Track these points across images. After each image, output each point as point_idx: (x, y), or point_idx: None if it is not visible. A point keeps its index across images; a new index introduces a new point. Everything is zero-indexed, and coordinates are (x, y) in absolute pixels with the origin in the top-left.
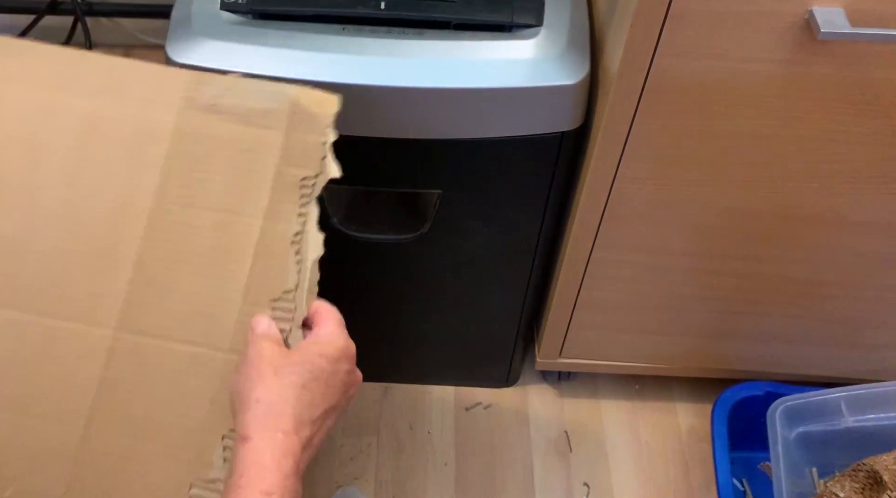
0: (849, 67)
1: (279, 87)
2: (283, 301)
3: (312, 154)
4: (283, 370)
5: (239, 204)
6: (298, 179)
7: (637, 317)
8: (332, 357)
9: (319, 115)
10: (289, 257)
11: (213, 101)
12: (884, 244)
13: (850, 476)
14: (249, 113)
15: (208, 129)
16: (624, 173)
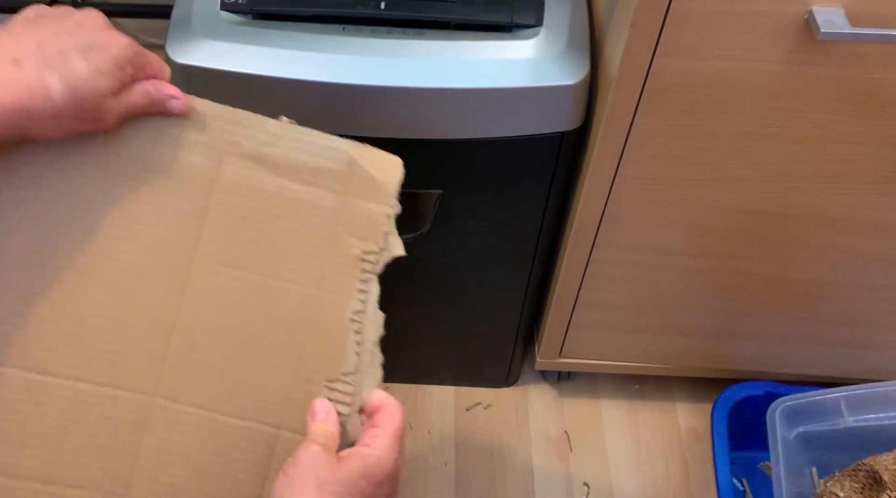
0: (849, 67)
1: (336, 143)
2: (342, 383)
3: (375, 226)
4: (326, 488)
5: (291, 271)
6: (360, 252)
7: (637, 317)
8: (377, 481)
9: (382, 181)
10: (348, 336)
11: (261, 150)
12: (884, 244)
13: (849, 476)
14: (302, 169)
15: (256, 183)
16: (624, 173)
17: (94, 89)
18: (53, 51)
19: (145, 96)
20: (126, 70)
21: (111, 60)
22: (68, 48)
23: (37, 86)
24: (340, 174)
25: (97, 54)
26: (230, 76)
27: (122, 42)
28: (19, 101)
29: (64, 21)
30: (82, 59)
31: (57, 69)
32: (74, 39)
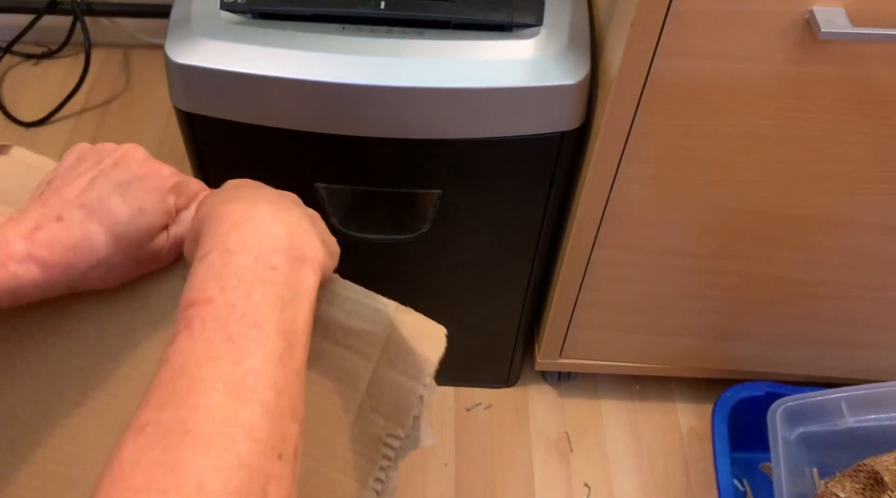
0: (849, 67)
1: (377, 303)
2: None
3: (405, 406)
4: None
5: (307, 442)
6: (384, 434)
7: (637, 317)
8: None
9: (421, 354)
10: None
11: None
12: (884, 244)
13: (850, 476)
14: (336, 327)
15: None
16: (624, 173)
17: (139, 230)
18: (94, 198)
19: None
20: (168, 201)
21: (152, 194)
22: (107, 192)
23: (81, 240)
24: (377, 339)
25: (136, 191)
26: (230, 76)
27: (160, 173)
28: (64, 259)
29: (103, 161)
30: (122, 201)
31: (97, 218)
32: (112, 181)
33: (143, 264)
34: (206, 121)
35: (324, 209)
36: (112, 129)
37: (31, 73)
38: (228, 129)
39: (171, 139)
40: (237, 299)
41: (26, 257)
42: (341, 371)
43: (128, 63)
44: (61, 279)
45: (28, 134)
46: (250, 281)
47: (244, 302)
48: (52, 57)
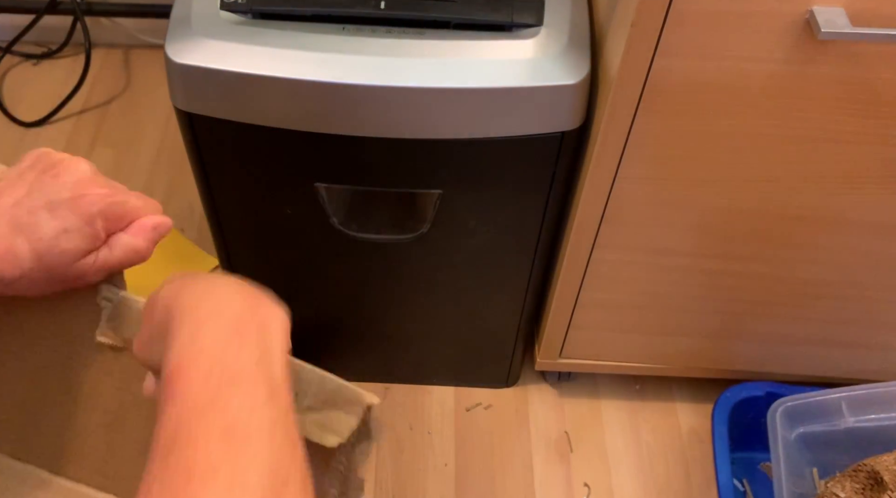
0: (849, 67)
1: (356, 394)
2: None
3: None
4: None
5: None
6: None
7: (637, 317)
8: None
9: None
10: None
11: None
12: (884, 244)
13: (850, 476)
14: (328, 420)
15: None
16: (624, 173)
17: (63, 251)
18: (25, 211)
19: (121, 250)
20: (96, 225)
21: (80, 217)
22: (37, 207)
23: (7, 252)
24: (355, 425)
25: (64, 211)
26: (230, 76)
27: (94, 195)
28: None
29: (44, 174)
30: (49, 218)
31: (25, 232)
32: (45, 196)
33: (68, 282)
34: (206, 121)
35: (324, 209)
36: (112, 129)
37: (31, 73)
38: (228, 129)
39: (171, 139)
40: (214, 362)
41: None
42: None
43: (128, 63)
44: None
45: (28, 134)
46: (224, 344)
47: (221, 363)
48: (53, 57)
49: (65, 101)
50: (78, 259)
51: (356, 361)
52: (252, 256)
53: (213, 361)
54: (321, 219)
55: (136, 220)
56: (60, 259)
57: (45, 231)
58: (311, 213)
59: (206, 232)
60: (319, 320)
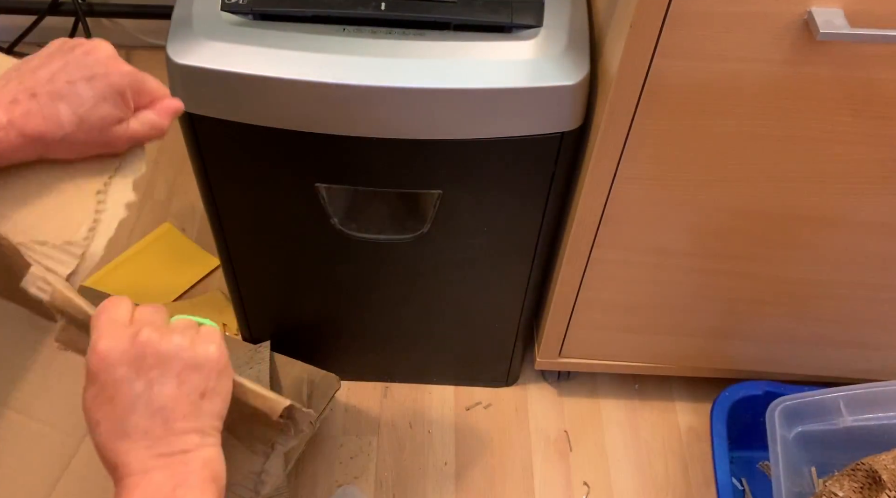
0: (848, 68)
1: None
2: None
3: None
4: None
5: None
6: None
7: (637, 317)
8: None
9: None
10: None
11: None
12: (883, 244)
13: (848, 475)
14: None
15: None
16: (624, 173)
17: (101, 117)
18: (63, 82)
19: (146, 125)
20: (126, 96)
21: (112, 87)
22: (75, 78)
23: (50, 116)
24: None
25: (100, 82)
26: (230, 76)
27: (121, 71)
28: (36, 130)
29: (74, 52)
30: (88, 88)
31: (66, 99)
32: (81, 70)
33: (101, 147)
34: (206, 121)
35: (324, 209)
36: None
37: None
38: (229, 130)
39: (172, 139)
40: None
41: (7, 125)
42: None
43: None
44: (34, 147)
45: None
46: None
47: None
48: None
49: None
50: (112, 125)
51: (356, 361)
52: (252, 255)
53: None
54: (321, 219)
55: (156, 99)
56: (100, 124)
57: (84, 98)
58: (311, 214)
59: (206, 232)
60: (319, 320)
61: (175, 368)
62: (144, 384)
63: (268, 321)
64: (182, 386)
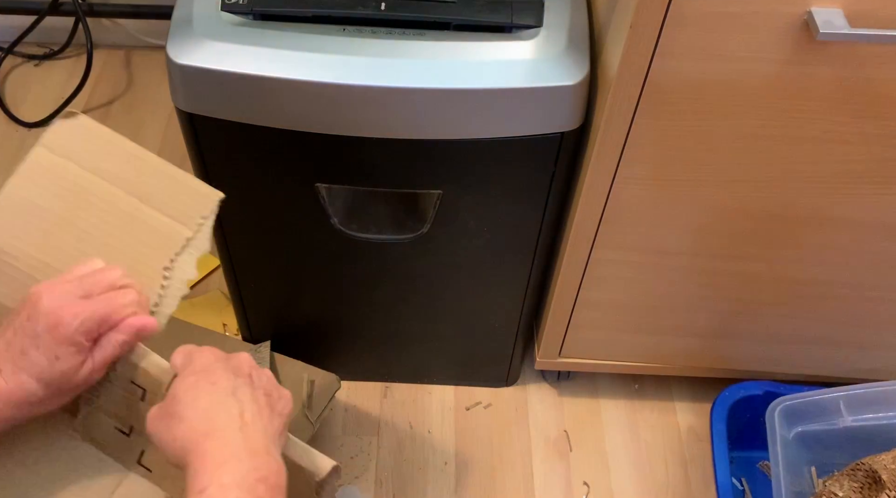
0: (847, 68)
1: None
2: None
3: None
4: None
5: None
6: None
7: (636, 317)
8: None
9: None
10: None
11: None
12: (883, 244)
13: (848, 475)
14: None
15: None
16: (624, 173)
17: (62, 373)
18: (17, 352)
19: (115, 346)
20: (79, 340)
21: (61, 343)
22: (26, 346)
23: (19, 389)
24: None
25: (48, 342)
26: (231, 76)
27: (67, 317)
28: (12, 400)
29: (20, 314)
30: (38, 353)
31: (25, 369)
32: (24, 335)
33: (78, 388)
34: (207, 121)
35: (324, 209)
36: (114, 130)
37: (32, 74)
38: (229, 130)
39: (172, 140)
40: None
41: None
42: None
43: (129, 64)
44: (19, 413)
45: (30, 135)
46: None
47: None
48: (54, 58)
49: (66, 101)
50: (78, 370)
51: (356, 361)
52: (252, 255)
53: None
54: (321, 219)
55: (120, 318)
56: (62, 378)
57: (40, 364)
58: (311, 214)
59: None
60: (319, 320)
61: (263, 379)
62: (245, 380)
63: (268, 321)
64: (269, 395)
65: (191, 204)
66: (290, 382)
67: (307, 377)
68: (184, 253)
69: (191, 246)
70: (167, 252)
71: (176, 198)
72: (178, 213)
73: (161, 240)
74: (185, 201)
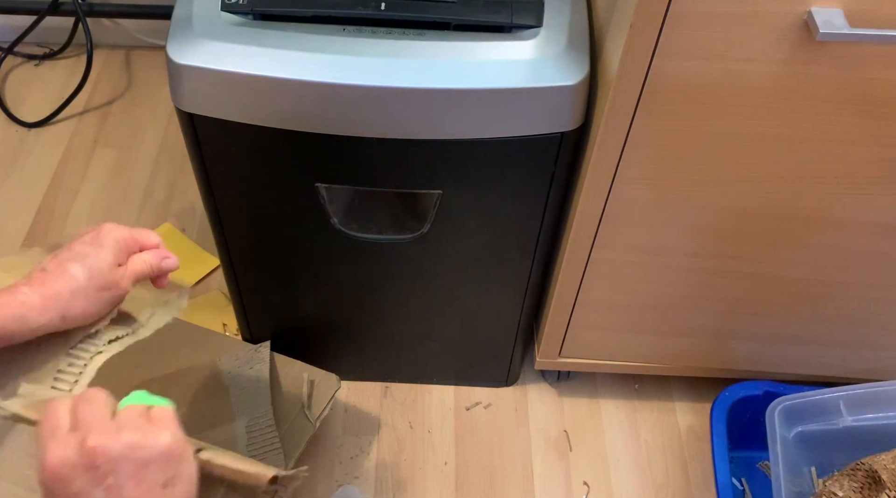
0: (847, 68)
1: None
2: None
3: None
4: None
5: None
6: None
7: (636, 317)
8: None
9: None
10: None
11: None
12: (882, 244)
13: (848, 475)
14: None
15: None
16: (623, 173)
17: (102, 261)
18: (66, 255)
19: (144, 264)
20: (121, 246)
21: (109, 241)
22: (75, 249)
23: (63, 274)
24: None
25: (92, 241)
26: (231, 76)
27: (107, 227)
28: (53, 288)
29: (74, 247)
30: (91, 248)
31: (73, 259)
32: (74, 245)
33: (110, 290)
34: (207, 121)
35: (324, 209)
36: (113, 130)
37: (33, 74)
38: (229, 130)
39: (172, 139)
40: None
41: (29, 290)
42: None
43: (129, 64)
44: (55, 306)
45: (30, 134)
46: None
47: None
48: (54, 58)
49: (66, 101)
50: (114, 269)
51: (356, 360)
52: (252, 255)
53: None
54: (321, 219)
55: (146, 243)
56: (102, 267)
57: (89, 254)
58: (311, 214)
59: (207, 231)
60: (319, 320)
61: (130, 468)
62: (103, 493)
63: (268, 321)
64: (141, 484)
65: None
66: (289, 380)
67: (307, 377)
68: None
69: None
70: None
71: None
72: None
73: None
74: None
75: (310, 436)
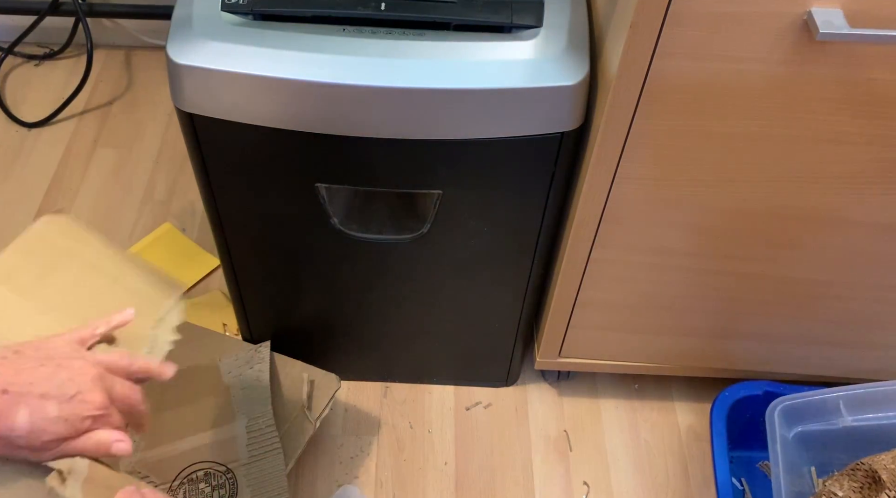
0: (847, 68)
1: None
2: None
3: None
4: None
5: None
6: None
7: (636, 317)
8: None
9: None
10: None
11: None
12: (883, 244)
13: (848, 475)
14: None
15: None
16: (623, 173)
17: (53, 433)
18: (38, 393)
19: (96, 445)
20: (85, 423)
21: (80, 415)
22: (52, 396)
23: (7, 414)
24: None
25: (73, 407)
26: (231, 77)
27: (96, 400)
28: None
29: (62, 367)
30: (57, 408)
31: (31, 406)
32: (61, 390)
33: (33, 452)
34: (207, 121)
35: (324, 209)
36: (114, 130)
37: (33, 74)
38: (229, 130)
39: (172, 139)
40: None
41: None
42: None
43: (129, 64)
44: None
45: (30, 135)
46: None
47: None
48: (54, 58)
49: (67, 101)
50: (59, 440)
51: (356, 360)
52: (252, 255)
53: None
54: (321, 219)
55: (117, 426)
56: (49, 437)
57: (49, 412)
58: (311, 213)
59: (207, 231)
60: (319, 320)
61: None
62: None
63: (268, 321)
64: None
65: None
66: (290, 381)
67: (307, 377)
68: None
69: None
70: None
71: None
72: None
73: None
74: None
75: (310, 436)
